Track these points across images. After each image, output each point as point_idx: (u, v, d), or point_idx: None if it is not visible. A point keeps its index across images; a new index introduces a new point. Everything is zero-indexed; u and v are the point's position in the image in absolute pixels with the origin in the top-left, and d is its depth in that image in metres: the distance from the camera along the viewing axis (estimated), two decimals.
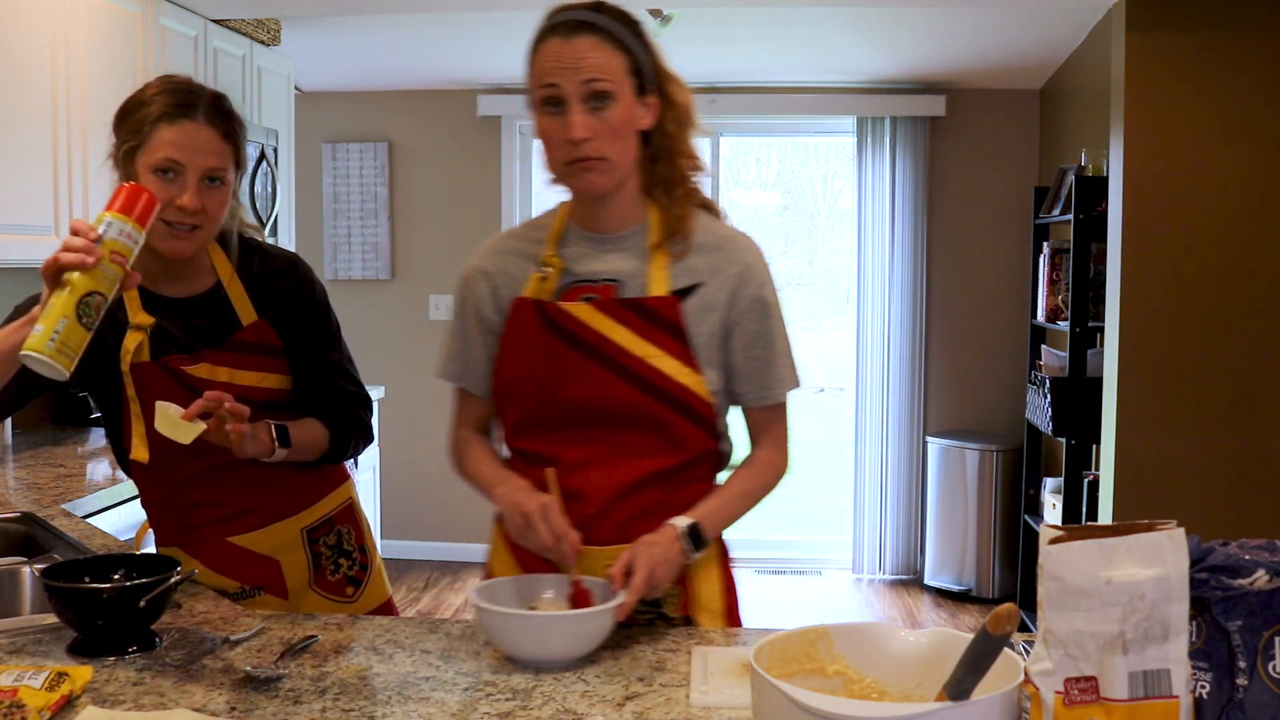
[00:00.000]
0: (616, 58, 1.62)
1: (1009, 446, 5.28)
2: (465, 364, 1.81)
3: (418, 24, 4.85)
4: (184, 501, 1.93)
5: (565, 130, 1.61)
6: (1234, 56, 3.73)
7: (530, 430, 1.73)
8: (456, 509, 5.92)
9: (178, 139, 1.74)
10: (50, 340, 1.47)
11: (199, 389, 1.81)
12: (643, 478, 1.68)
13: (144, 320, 1.82)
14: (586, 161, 1.62)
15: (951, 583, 5.41)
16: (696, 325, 1.68)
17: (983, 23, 4.70)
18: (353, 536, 2.08)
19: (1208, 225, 3.77)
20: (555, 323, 1.68)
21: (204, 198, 1.76)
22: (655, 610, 1.71)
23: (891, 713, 1.13)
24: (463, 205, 5.83)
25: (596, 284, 1.71)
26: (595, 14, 1.64)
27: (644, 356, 1.66)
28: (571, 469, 1.68)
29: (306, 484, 2.01)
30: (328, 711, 1.37)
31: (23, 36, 3.07)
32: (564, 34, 1.61)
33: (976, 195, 5.64)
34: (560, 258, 1.72)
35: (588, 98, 1.60)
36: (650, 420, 1.67)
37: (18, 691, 1.31)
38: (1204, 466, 3.82)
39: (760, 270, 1.72)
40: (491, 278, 1.78)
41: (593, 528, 1.66)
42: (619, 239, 1.72)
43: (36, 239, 3.11)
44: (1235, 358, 3.80)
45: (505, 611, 1.52)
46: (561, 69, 1.60)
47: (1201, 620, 1.10)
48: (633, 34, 1.65)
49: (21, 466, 3.08)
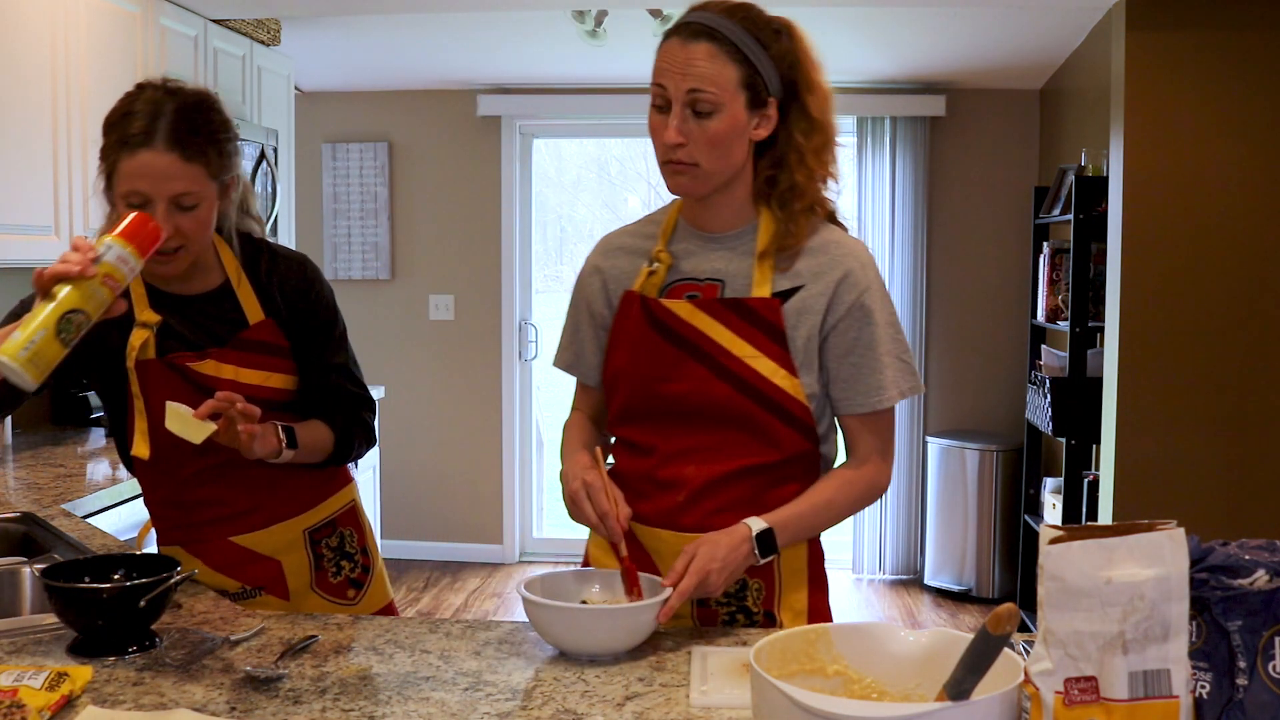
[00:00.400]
0: (730, 69, 1.61)
1: (1009, 446, 5.28)
2: (577, 354, 1.87)
3: (418, 24, 4.85)
4: (186, 500, 1.93)
5: (664, 131, 1.65)
6: (1234, 56, 3.73)
7: (632, 420, 1.77)
8: (456, 509, 5.93)
9: (138, 170, 1.70)
10: (24, 349, 1.47)
11: (204, 386, 1.82)
12: (734, 471, 1.70)
13: (150, 318, 1.82)
14: (677, 165, 1.66)
15: (951, 583, 5.41)
16: (795, 328, 1.68)
17: (983, 23, 4.70)
18: (355, 539, 2.08)
19: (1207, 225, 3.77)
20: (657, 319, 1.72)
21: (176, 221, 1.73)
22: (737, 603, 1.73)
23: (891, 713, 1.13)
24: (463, 205, 5.83)
25: (701, 282, 1.73)
26: (724, 20, 1.63)
27: (742, 356, 1.67)
28: (667, 460, 1.72)
29: (309, 485, 2.00)
30: (328, 711, 1.37)
31: (23, 37, 3.07)
32: (684, 36, 1.62)
33: (976, 195, 5.64)
34: (670, 253, 1.76)
35: (690, 104, 1.62)
36: (745, 419, 1.69)
37: (18, 691, 1.31)
38: (1204, 466, 3.82)
39: (863, 277, 1.70)
40: (604, 274, 1.83)
41: (680, 515, 1.70)
42: (727, 238, 1.74)
43: (36, 239, 3.11)
44: (1235, 357, 3.80)
45: (544, 603, 1.54)
46: (671, 71, 1.62)
47: (1201, 620, 1.10)
48: (761, 44, 1.64)
49: (21, 466, 3.08)
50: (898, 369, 1.71)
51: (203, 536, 1.93)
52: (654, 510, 1.73)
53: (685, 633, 1.66)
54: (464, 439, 5.86)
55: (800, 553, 1.76)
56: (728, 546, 1.60)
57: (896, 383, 1.71)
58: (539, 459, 6.24)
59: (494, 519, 5.94)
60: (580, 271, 1.89)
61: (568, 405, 1.93)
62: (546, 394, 6.35)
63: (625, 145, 6.68)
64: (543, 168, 6.31)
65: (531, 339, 6.00)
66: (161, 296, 1.87)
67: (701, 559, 1.58)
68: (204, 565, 1.92)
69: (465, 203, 5.83)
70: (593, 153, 6.60)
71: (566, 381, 1.92)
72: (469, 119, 5.77)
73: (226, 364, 1.86)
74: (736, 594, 1.73)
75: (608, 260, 1.83)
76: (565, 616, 1.54)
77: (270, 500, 1.95)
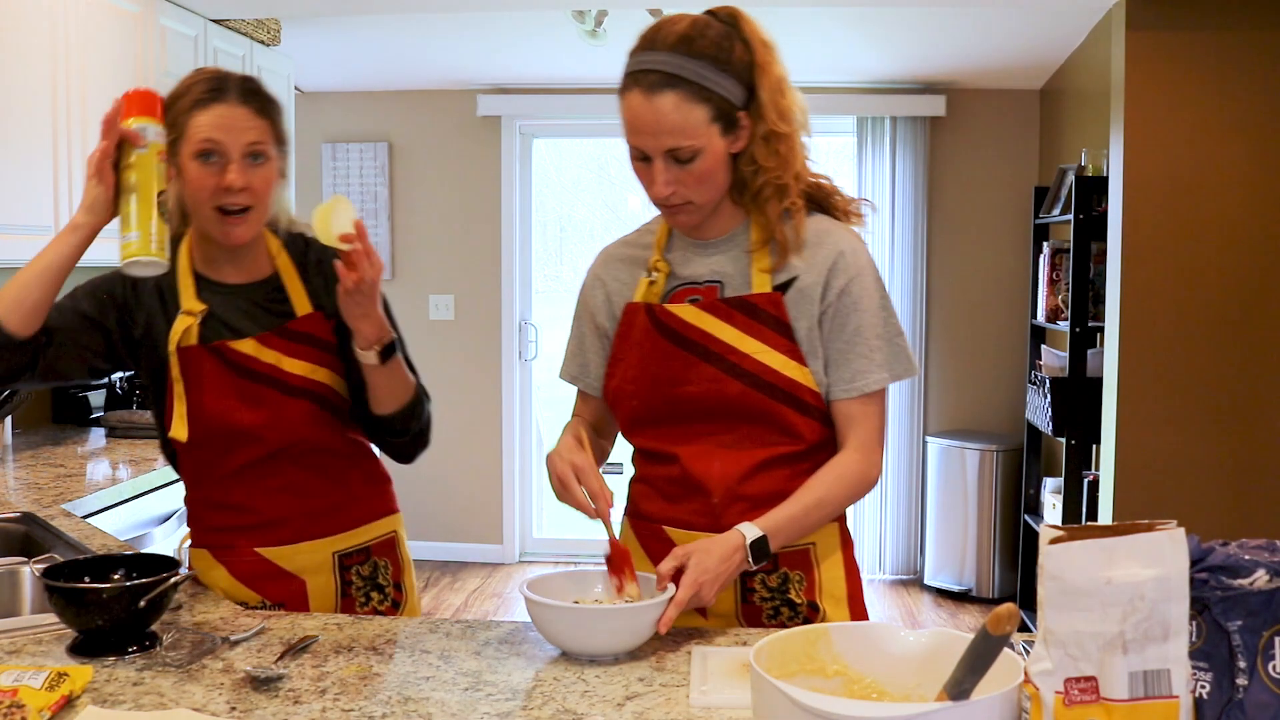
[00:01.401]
0: (698, 110, 1.61)
1: (1009, 446, 5.28)
2: (583, 365, 1.88)
3: (418, 24, 4.85)
4: (221, 501, 1.90)
5: (651, 183, 1.67)
6: (1234, 56, 3.73)
7: (647, 427, 1.78)
8: (456, 509, 5.93)
9: (213, 121, 1.75)
10: (153, 241, 1.64)
11: (244, 368, 1.83)
12: (758, 464, 1.71)
13: (195, 306, 1.84)
14: (674, 207, 1.69)
15: (951, 583, 5.41)
16: (796, 318, 1.70)
17: (983, 23, 4.70)
18: (389, 571, 2.01)
19: (1207, 225, 3.77)
20: (664, 325, 1.74)
21: (249, 175, 1.77)
22: (780, 596, 1.74)
23: (891, 713, 1.13)
24: (463, 205, 5.83)
25: (701, 285, 1.75)
26: (678, 59, 1.61)
27: (751, 352, 1.69)
28: (691, 462, 1.73)
29: (348, 502, 1.95)
30: (328, 711, 1.37)
31: (23, 36, 3.07)
32: (645, 90, 1.62)
33: (976, 195, 5.64)
34: (666, 262, 1.78)
35: (672, 156, 1.64)
36: (762, 413, 1.70)
37: (18, 691, 1.31)
38: (1204, 466, 3.82)
39: (853, 261, 1.71)
40: (605, 285, 1.85)
41: (718, 516, 1.71)
42: (720, 242, 1.76)
43: (36, 239, 3.10)
44: (1235, 357, 3.80)
45: (547, 603, 1.55)
46: (644, 132, 1.64)
47: (1201, 620, 1.10)
48: (719, 66, 1.62)
49: (21, 466, 3.08)
50: (888, 352, 1.72)
51: (230, 543, 1.90)
52: (689, 513, 1.74)
53: (685, 633, 1.66)
54: (464, 439, 5.86)
55: (834, 541, 1.78)
56: (719, 557, 1.61)
57: (888, 365, 1.71)
58: (539, 459, 6.24)
59: (494, 519, 5.94)
60: (583, 283, 1.90)
61: (568, 405, 1.93)
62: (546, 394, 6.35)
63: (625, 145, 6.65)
64: (543, 168, 6.30)
65: (531, 339, 5.99)
66: (210, 285, 1.88)
67: (694, 571, 1.59)
68: (228, 574, 1.90)
69: (465, 203, 5.83)
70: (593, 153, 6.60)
71: (566, 382, 1.92)
72: (469, 119, 5.77)
73: (269, 349, 1.85)
74: (779, 587, 1.74)
75: (608, 271, 1.85)
76: (567, 616, 1.55)
77: (301, 514, 1.91)
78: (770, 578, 1.74)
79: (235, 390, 1.83)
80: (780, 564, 1.74)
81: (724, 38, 1.64)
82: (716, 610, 1.73)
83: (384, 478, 2.04)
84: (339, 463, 1.94)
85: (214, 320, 1.85)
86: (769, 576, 1.74)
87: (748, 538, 1.63)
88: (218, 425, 1.83)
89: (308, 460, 1.90)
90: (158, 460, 3.19)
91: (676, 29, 1.64)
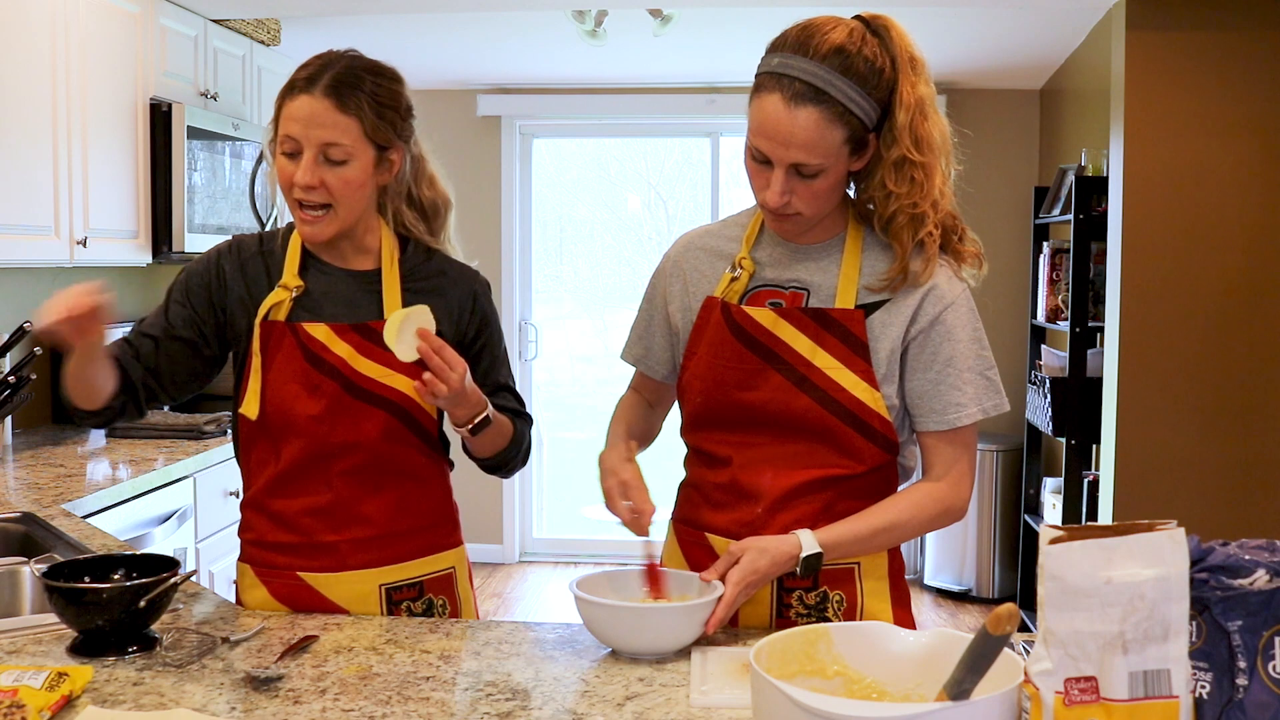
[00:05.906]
0: (836, 132, 1.55)
1: (1009, 446, 5.28)
2: (648, 348, 1.85)
3: (418, 24, 4.85)
4: (272, 509, 1.80)
5: (765, 190, 1.61)
6: (1234, 56, 3.73)
7: (706, 427, 1.74)
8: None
9: (293, 113, 1.70)
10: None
11: (314, 353, 1.75)
12: (812, 482, 1.67)
13: (292, 281, 1.78)
14: (781, 215, 1.63)
15: (951, 583, 5.41)
16: (878, 340, 1.65)
17: (983, 23, 4.70)
18: (447, 610, 1.85)
19: (1207, 225, 3.77)
20: (738, 325, 1.68)
21: (321, 174, 1.70)
22: (818, 614, 1.69)
23: (891, 713, 1.13)
24: (463, 205, 5.74)
25: (785, 290, 1.70)
26: (829, 74, 1.53)
27: (823, 368, 1.64)
28: (744, 468, 1.69)
29: (405, 532, 1.82)
30: (328, 711, 1.37)
31: (23, 36, 3.07)
32: (788, 98, 1.54)
33: (976, 195, 5.62)
34: (753, 260, 1.72)
35: (795, 169, 1.57)
36: (824, 431, 1.65)
37: (18, 691, 1.31)
38: (1204, 466, 3.82)
39: (949, 291, 1.68)
40: (684, 274, 1.79)
41: (760, 526, 1.68)
42: (813, 250, 1.71)
43: (37, 239, 3.11)
44: (1235, 357, 3.80)
45: (600, 602, 1.55)
46: (774, 141, 1.56)
47: (1201, 620, 1.10)
48: (865, 90, 1.55)
49: (21, 466, 3.08)
50: (980, 385, 1.68)
51: (274, 563, 1.80)
52: (732, 521, 1.70)
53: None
54: None
55: (881, 565, 1.72)
56: (772, 560, 1.59)
57: (977, 399, 1.67)
58: (539, 459, 6.24)
59: (494, 519, 5.94)
60: (658, 268, 1.85)
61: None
62: (546, 394, 6.35)
63: (625, 145, 6.67)
64: (543, 168, 6.30)
65: (532, 339, 5.99)
66: (316, 264, 1.82)
67: (743, 569, 1.57)
68: (268, 595, 1.81)
69: (465, 203, 5.77)
70: (593, 153, 6.61)
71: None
72: (469, 119, 5.77)
73: (343, 340, 1.75)
74: (816, 605, 1.70)
75: (690, 259, 1.79)
76: (622, 615, 1.54)
77: (347, 539, 1.78)
78: (809, 595, 1.69)
79: (301, 375, 1.75)
80: (820, 581, 1.69)
81: (877, 56, 1.57)
82: (749, 623, 1.70)
83: (451, 509, 1.92)
84: (404, 485, 1.81)
85: (309, 299, 1.79)
86: (807, 594, 1.69)
87: (804, 550, 1.59)
88: (275, 407, 1.75)
89: (365, 476, 1.78)
90: (158, 460, 3.19)
91: (831, 39, 1.55)
